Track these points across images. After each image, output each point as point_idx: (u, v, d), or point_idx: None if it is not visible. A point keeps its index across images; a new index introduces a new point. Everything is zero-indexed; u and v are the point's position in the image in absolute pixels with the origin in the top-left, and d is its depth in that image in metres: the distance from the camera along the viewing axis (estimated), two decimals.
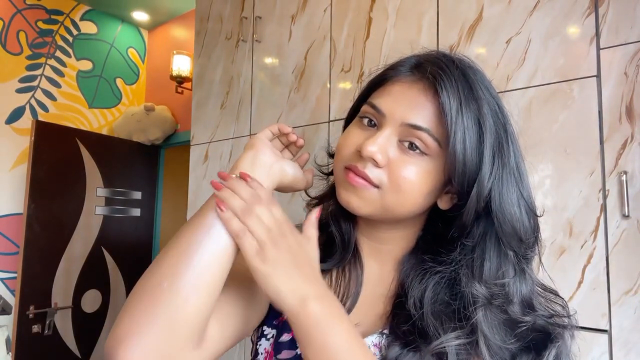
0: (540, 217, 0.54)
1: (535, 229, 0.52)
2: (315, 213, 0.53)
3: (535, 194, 1.10)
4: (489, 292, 0.49)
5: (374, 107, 0.53)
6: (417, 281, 0.52)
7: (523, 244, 0.50)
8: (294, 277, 0.45)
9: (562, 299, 0.54)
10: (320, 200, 0.65)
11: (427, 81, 0.51)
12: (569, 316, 0.52)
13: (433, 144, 0.50)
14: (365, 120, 0.54)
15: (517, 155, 0.52)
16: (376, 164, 0.51)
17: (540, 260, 0.56)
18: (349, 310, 0.57)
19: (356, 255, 0.60)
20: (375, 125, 0.54)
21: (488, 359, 0.47)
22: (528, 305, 0.50)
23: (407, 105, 0.51)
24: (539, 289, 0.54)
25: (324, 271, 0.60)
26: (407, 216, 0.54)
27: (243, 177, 0.50)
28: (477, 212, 0.50)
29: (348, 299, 0.57)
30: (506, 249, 0.50)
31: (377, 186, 0.51)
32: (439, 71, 0.50)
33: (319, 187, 0.68)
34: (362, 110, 0.56)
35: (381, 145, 0.50)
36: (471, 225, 0.51)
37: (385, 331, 0.53)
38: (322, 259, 0.61)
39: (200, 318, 0.44)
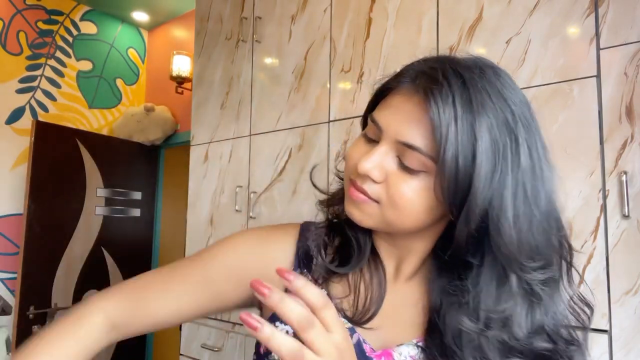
0: (563, 233, 0.50)
1: (553, 247, 0.49)
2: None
3: None
4: (484, 321, 0.47)
5: (373, 120, 0.52)
6: (450, 311, 0.50)
7: (526, 266, 0.47)
8: None
9: (589, 318, 0.52)
10: (331, 199, 0.64)
11: (423, 94, 0.48)
12: (579, 345, 0.50)
13: (428, 161, 0.47)
14: (369, 133, 0.53)
15: (538, 163, 0.48)
16: (373, 180, 0.50)
17: (569, 273, 0.51)
18: (374, 314, 0.55)
19: (376, 258, 0.59)
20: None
21: None
22: (537, 332, 0.48)
23: (403, 120, 0.49)
24: (574, 303, 0.51)
25: (339, 275, 0.59)
26: (412, 230, 0.53)
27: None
28: (471, 231, 0.47)
29: (373, 304, 0.56)
30: (507, 271, 0.47)
31: (376, 201, 0.51)
32: (432, 83, 0.47)
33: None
34: (368, 121, 0.55)
35: (377, 161, 0.49)
36: (474, 246, 0.48)
37: (421, 344, 0.52)
38: (338, 261, 0.59)
39: None
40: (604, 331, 0.98)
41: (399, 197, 0.49)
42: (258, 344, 0.59)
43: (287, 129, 1.69)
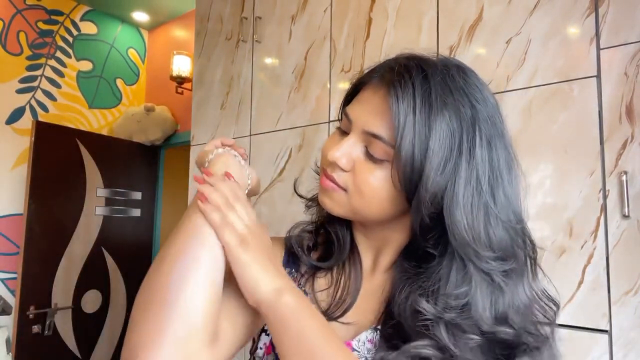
0: (520, 226, 0.51)
1: (514, 240, 0.50)
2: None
3: (535, 194, 1.10)
4: (442, 306, 0.48)
5: (345, 113, 0.55)
6: (400, 288, 0.53)
7: (482, 255, 0.48)
8: (270, 270, 0.48)
9: (554, 313, 0.53)
10: (315, 200, 0.66)
11: (386, 86, 0.51)
12: (546, 338, 0.50)
13: (390, 150, 0.50)
14: (343, 126, 0.57)
15: (497, 159, 0.50)
16: (342, 169, 0.53)
17: (534, 270, 0.53)
18: (349, 307, 0.58)
19: (355, 252, 0.61)
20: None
21: None
22: (501, 321, 0.48)
23: (369, 112, 0.52)
24: (540, 300, 0.52)
25: (324, 269, 0.62)
26: (379, 219, 0.55)
27: (227, 175, 0.53)
28: (428, 219, 0.50)
29: (348, 296, 0.58)
30: (465, 261, 0.49)
31: (344, 189, 0.53)
32: (395, 77, 0.50)
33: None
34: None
35: (345, 151, 0.52)
36: (433, 237, 0.51)
37: (379, 327, 0.54)
38: (323, 258, 0.63)
39: (211, 317, 0.45)
40: (604, 331, 0.98)
41: (364, 185, 0.51)
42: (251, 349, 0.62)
43: (287, 129, 1.69)
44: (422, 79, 0.49)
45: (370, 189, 0.51)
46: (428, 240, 0.51)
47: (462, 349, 0.46)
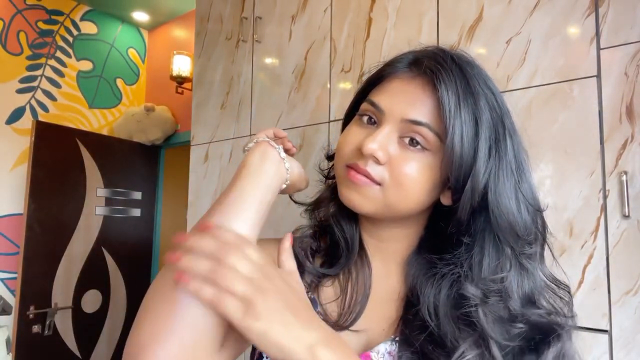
0: (542, 211, 0.54)
1: (536, 224, 0.52)
2: (288, 241, 0.51)
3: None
4: (482, 291, 0.48)
5: (373, 104, 0.53)
6: (429, 285, 0.51)
7: (520, 239, 0.50)
8: (294, 325, 0.40)
9: (569, 294, 0.54)
10: (317, 203, 0.64)
11: (425, 76, 0.51)
12: (571, 316, 0.52)
13: (434, 138, 0.49)
14: (365, 118, 0.54)
15: (518, 149, 0.52)
16: (377, 161, 0.50)
17: (553, 256, 0.56)
18: (358, 315, 0.55)
19: (363, 255, 0.59)
20: (375, 122, 0.53)
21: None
22: (529, 302, 0.50)
23: (406, 101, 0.51)
24: (552, 284, 0.54)
25: (330, 276, 0.59)
26: (410, 213, 0.54)
27: (203, 228, 0.43)
28: (473, 207, 0.50)
29: (357, 304, 0.56)
30: (503, 245, 0.50)
31: (379, 183, 0.51)
32: (437, 66, 0.50)
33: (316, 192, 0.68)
34: (361, 108, 0.55)
35: (381, 142, 0.50)
36: (467, 222, 0.51)
37: (397, 338, 0.52)
38: (328, 263, 0.60)
39: (219, 325, 0.42)
40: (604, 331, 0.98)
41: (404, 176, 0.50)
42: (252, 351, 0.59)
43: (287, 129, 1.69)
44: (459, 71, 0.50)
45: (409, 180, 0.50)
46: (465, 228, 0.51)
47: (501, 335, 0.46)
